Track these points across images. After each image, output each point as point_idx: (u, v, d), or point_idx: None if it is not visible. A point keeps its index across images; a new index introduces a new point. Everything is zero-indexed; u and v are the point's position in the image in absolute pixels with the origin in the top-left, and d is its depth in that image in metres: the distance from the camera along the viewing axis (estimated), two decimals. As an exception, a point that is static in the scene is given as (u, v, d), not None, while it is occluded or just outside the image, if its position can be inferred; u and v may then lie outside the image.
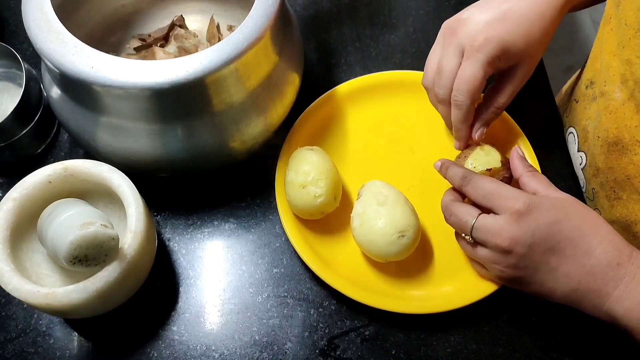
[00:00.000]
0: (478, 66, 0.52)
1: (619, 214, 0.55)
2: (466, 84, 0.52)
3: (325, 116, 0.63)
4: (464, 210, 0.49)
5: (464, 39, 0.52)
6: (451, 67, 0.53)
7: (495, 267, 0.48)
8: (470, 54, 0.52)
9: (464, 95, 0.53)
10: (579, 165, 0.61)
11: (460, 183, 0.51)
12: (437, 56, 0.55)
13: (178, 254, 0.57)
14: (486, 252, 0.48)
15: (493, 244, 0.47)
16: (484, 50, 0.51)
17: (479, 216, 0.48)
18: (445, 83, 0.54)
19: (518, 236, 0.46)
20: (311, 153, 0.55)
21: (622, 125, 0.52)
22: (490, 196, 0.48)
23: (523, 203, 0.46)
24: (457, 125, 0.56)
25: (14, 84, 0.63)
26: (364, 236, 0.52)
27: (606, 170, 0.55)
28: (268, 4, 0.50)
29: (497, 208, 0.47)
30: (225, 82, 0.49)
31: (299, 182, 0.54)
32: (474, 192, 0.49)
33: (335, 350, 0.53)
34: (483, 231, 0.48)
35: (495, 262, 0.48)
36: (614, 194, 0.55)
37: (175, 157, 0.52)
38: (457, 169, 0.52)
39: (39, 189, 0.49)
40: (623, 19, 0.50)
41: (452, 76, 0.54)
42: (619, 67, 0.51)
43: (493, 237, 0.47)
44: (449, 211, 0.50)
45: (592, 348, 0.53)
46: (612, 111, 0.53)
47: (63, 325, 0.54)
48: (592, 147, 0.57)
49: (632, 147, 0.51)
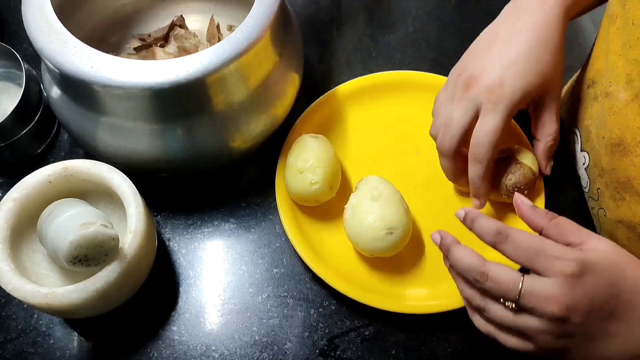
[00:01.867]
0: (499, 118, 0.50)
1: (623, 214, 0.55)
2: (488, 136, 0.50)
3: (326, 116, 0.63)
4: (505, 274, 0.41)
5: (479, 95, 0.51)
6: (462, 120, 0.52)
7: (546, 337, 0.41)
8: (489, 108, 0.51)
9: (486, 148, 0.51)
10: (582, 165, 0.61)
11: (495, 240, 0.43)
12: (446, 108, 0.54)
13: (178, 254, 0.57)
14: (535, 321, 0.41)
15: (545, 313, 0.40)
16: (504, 103, 0.50)
17: (524, 279, 0.41)
18: (452, 135, 0.52)
19: (576, 302, 0.40)
20: (314, 141, 0.56)
21: (625, 126, 0.52)
22: (535, 257, 0.41)
23: (576, 265, 0.40)
24: (476, 182, 0.53)
25: (14, 84, 0.63)
26: (353, 228, 0.53)
27: (610, 171, 0.55)
28: (268, 4, 0.50)
29: (544, 270, 0.41)
30: (225, 82, 0.49)
31: (297, 167, 0.54)
32: (514, 251, 0.42)
33: (335, 350, 0.53)
34: (533, 297, 0.40)
35: (547, 332, 0.41)
36: (618, 194, 0.55)
37: (175, 157, 0.52)
38: (488, 222, 0.44)
39: (39, 189, 0.49)
40: (630, 19, 0.50)
41: (462, 129, 0.52)
42: (624, 67, 0.51)
43: (546, 305, 0.40)
44: (484, 275, 0.42)
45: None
46: (616, 112, 0.53)
47: (63, 325, 0.54)
48: (596, 147, 0.57)
49: (634, 148, 0.51)
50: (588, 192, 0.61)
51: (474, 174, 0.53)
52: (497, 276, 0.42)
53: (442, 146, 0.54)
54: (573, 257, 0.40)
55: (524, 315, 0.41)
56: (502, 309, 0.42)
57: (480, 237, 0.45)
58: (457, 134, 0.52)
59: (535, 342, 0.42)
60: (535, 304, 0.40)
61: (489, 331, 0.45)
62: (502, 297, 0.42)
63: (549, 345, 0.42)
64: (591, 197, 0.60)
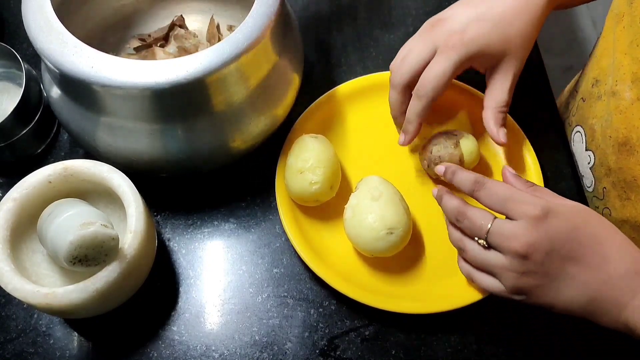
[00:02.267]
0: (449, 64, 0.52)
1: (629, 214, 0.55)
2: (434, 79, 0.52)
3: (326, 116, 0.63)
4: (479, 213, 0.47)
5: (439, 36, 0.53)
6: (418, 58, 0.54)
7: (510, 275, 0.46)
8: (443, 51, 0.52)
9: (428, 89, 0.53)
10: (587, 164, 0.61)
11: (472, 188, 0.49)
12: (408, 46, 0.56)
13: (178, 254, 0.57)
14: (501, 258, 0.46)
15: (509, 249, 0.45)
16: (458, 50, 0.52)
17: (495, 220, 0.46)
18: (405, 70, 0.54)
19: (536, 241, 0.44)
20: (314, 141, 0.56)
21: (631, 125, 0.52)
22: (505, 202, 0.46)
23: (541, 208, 0.44)
24: (410, 117, 0.55)
25: (14, 84, 0.63)
26: (353, 228, 0.53)
27: (617, 170, 0.55)
28: (268, 4, 0.50)
29: (513, 213, 0.45)
30: (225, 82, 0.49)
31: (297, 167, 0.54)
32: (488, 198, 0.47)
33: (335, 350, 0.53)
34: (499, 235, 0.45)
35: (512, 269, 0.45)
36: (624, 194, 0.55)
37: (175, 157, 0.52)
38: (467, 173, 0.50)
39: (39, 189, 0.49)
40: (637, 17, 0.50)
41: (416, 66, 0.54)
42: (630, 65, 0.51)
43: (510, 242, 0.45)
44: (462, 214, 0.48)
45: (593, 348, 0.53)
46: (622, 111, 0.53)
47: (63, 325, 0.54)
48: (602, 147, 0.57)
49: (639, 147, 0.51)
50: (592, 192, 0.61)
51: (412, 108, 0.55)
52: (472, 216, 0.47)
53: (394, 78, 0.56)
54: (539, 203, 0.45)
55: (493, 252, 0.47)
56: (476, 247, 0.48)
57: (459, 187, 0.50)
58: (410, 69, 0.54)
59: (502, 280, 0.47)
60: (500, 241, 0.45)
61: (468, 272, 0.50)
62: (475, 235, 0.47)
63: (513, 283, 0.46)
64: (595, 197, 0.60)
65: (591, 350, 0.53)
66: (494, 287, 0.48)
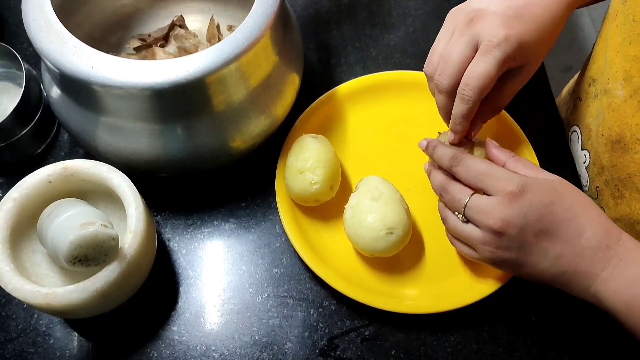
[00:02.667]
0: (494, 63, 0.49)
1: (622, 212, 0.55)
2: (478, 79, 0.49)
3: (326, 116, 0.63)
4: (458, 188, 0.49)
5: (481, 33, 0.50)
6: (461, 57, 0.50)
7: (485, 248, 0.48)
8: (486, 50, 0.49)
9: (473, 90, 0.50)
10: (583, 164, 0.61)
11: (450, 163, 0.50)
12: (444, 43, 0.52)
13: (178, 254, 0.57)
14: (478, 233, 0.48)
15: (485, 225, 0.47)
16: (503, 48, 0.49)
17: (472, 195, 0.48)
18: (451, 72, 0.51)
19: (510, 218, 0.46)
20: (314, 141, 0.56)
21: (624, 123, 0.52)
22: (482, 177, 0.47)
23: (516, 184, 0.46)
24: (458, 119, 0.53)
25: (14, 84, 0.63)
26: (353, 228, 0.53)
27: (610, 168, 0.55)
28: (268, 4, 0.50)
29: (489, 189, 0.47)
30: (225, 82, 0.49)
31: (297, 167, 0.54)
32: (465, 173, 0.49)
33: (335, 350, 0.53)
34: (475, 211, 0.47)
35: (486, 243, 0.47)
36: (617, 192, 0.55)
37: (175, 157, 0.52)
38: (446, 149, 0.51)
39: (39, 189, 0.49)
40: (631, 15, 0.50)
41: (460, 67, 0.51)
42: (623, 63, 0.51)
43: (485, 218, 0.46)
44: (444, 189, 0.50)
45: (593, 348, 0.53)
46: (615, 109, 0.53)
47: (63, 325, 0.54)
48: (596, 145, 0.57)
49: (633, 145, 0.51)
50: (587, 191, 0.61)
51: (457, 110, 0.52)
52: (452, 191, 0.49)
53: (440, 83, 0.52)
54: (515, 180, 0.46)
55: (470, 226, 0.49)
56: (456, 220, 0.50)
57: (439, 162, 0.51)
58: (456, 70, 0.51)
59: (478, 252, 0.49)
60: (477, 216, 0.47)
61: (450, 239, 0.53)
62: (455, 209, 0.49)
63: (488, 255, 0.48)
64: (590, 196, 0.60)
65: (591, 350, 0.53)
66: (471, 255, 0.50)
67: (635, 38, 0.49)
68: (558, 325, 0.54)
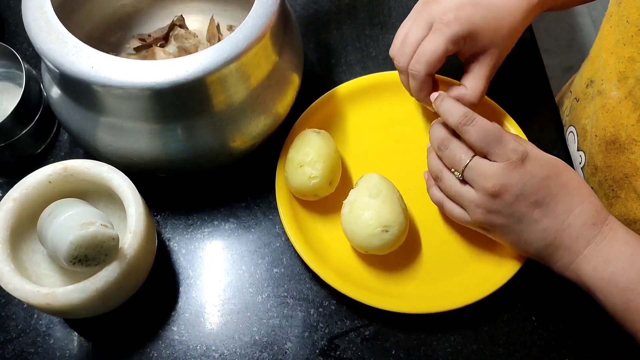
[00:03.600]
0: (442, 40, 0.52)
1: (617, 212, 0.55)
2: (426, 55, 0.52)
3: (326, 116, 0.63)
4: (461, 146, 0.49)
5: (434, 13, 0.53)
6: (416, 37, 0.54)
7: (477, 210, 0.48)
8: (437, 28, 0.52)
9: (421, 65, 0.53)
10: (579, 165, 0.61)
11: (460, 120, 0.49)
12: (406, 28, 0.56)
13: (178, 254, 0.57)
14: (472, 194, 0.49)
15: (482, 187, 0.47)
16: (452, 26, 0.52)
17: (474, 156, 0.48)
18: (406, 52, 0.54)
19: (509, 184, 0.47)
20: (316, 135, 0.56)
21: (619, 123, 0.52)
22: (491, 140, 0.48)
23: (522, 154, 0.47)
24: (414, 94, 0.56)
25: (14, 84, 0.63)
26: (349, 224, 0.53)
27: (605, 169, 0.55)
28: (268, 4, 0.50)
29: (495, 154, 0.48)
30: (225, 82, 0.49)
31: (297, 161, 0.54)
32: (476, 133, 0.48)
33: (335, 350, 0.53)
34: (476, 172, 0.48)
35: (480, 205, 0.48)
36: (612, 192, 0.55)
37: (175, 157, 0.52)
38: (458, 105, 0.51)
39: (39, 189, 0.49)
40: (625, 16, 0.50)
41: (415, 47, 0.54)
42: (617, 64, 0.51)
43: (484, 180, 0.47)
44: (445, 145, 0.50)
45: (592, 348, 0.53)
46: (609, 110, 0.53)
47: (63, 325, 0.54)
48: (590, 146, 0.58)
49: (629, 145, 0.51)
50: None
51: (411, 86, 0.55)
52: (454, 148, 0.50)
53: (399, 63, 0.56)
54: (520, 149, 0.47)
55: (466, 187, 0.49)
56: (452, 178, 0.50)
57: (446, 116, 0.51)
58: (412, 50, 0.54)
59: (469, 213, 0.50)
60: (476, 178, 0.48)
61: (439, 199, 0.53)
62: (453, 166, 0.50)
63: (479, 217, 0.49)
64: None
65: (591, 350, 0.53)
66: (461, 217, 0.51)
67: (629, 39, 0.49)
68: (558, 325, 0.54)
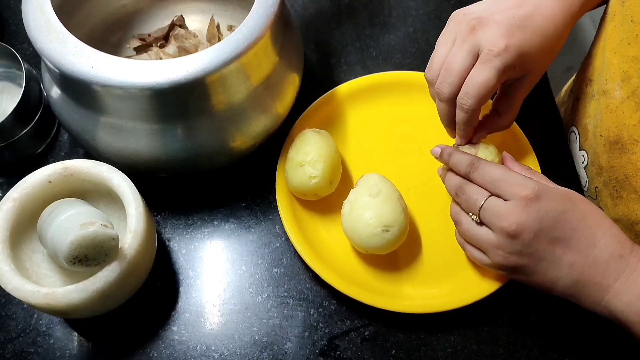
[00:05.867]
0: (493, 73, 0.49)
1: (621, 212, 0.55)
2: (477, 89, 0.49)
3: (326, 116, 0.63)
4: (475, 189, 0.49)
5: (482, 41, 0.49)
6: (462, 66, 0.50)
7: (498, 252, 0.47)
8: (487, 59, 0.49)
9: (473, 99, 0.50)
10: (581, 164, 0.61)
11: (467, 170, 0.50)
12: (446, 50, 0.52)
13: (178, 254, 0.57)
14: (492, 236, 0.47)
15: (499, 228, 0.46)
16: (503, 57, 0.48)
17: (489, 197, 0.48)
18: (452, 82, 0.51)
19: (525, 222, 0.45)
20: (316, 135, 0.56)
21: (622, 123, 0.52)
22: (498, 183, 0.47)
23: (531, 190, 0.46)
24: (461, 126, 0.53)
25: (14, 84, 0.63)
26: (350, 223, 0.53)
27: (608, 169, 0.55)
28: (268, 4, 0.50)
29: (505, 194, 0.47)
30: (225, 82, 0.49)
31: (298, 161, 0.54)
32: (482, 178, 0.49)
33: (335, 350, 0.53)
34: (491, 213, 0.47)
35: (500, 247, 0.47)
36: (616, 192, 0.55)
37: (175, 157, 0.52)
38: (462, 156, 0.51)
39: (39, 189, 0.49)
40: (629, 16, 0.50)
41: (461, 75, 0.51)
42: (621, 64, 0.51)
43: (500, 220, 0.46)
44: (461, 189, 0.50)
45: (592, 348, 0.53)
46: (613, 110, 0.53)
47: (63, 325, 0.54)
48: (594, 146, 0.57)
49: (631, 146, 0.51)
50: (587, 191, 0.61)
51: (459, 119, 0.52)
52: (469, 191, 0.49)
53: (442, 92, 0.52)
54: (531, 185, 0.46)
55: (484, 229, 0.48)
56: (469, 221, 0.50)
57: (455, 168, 0.52)
58: (457, 79, 0.51)
59: (490, 256, 0.49)
60: (491, 218, 0.47)
61: (461, 243, 0.52)
62: (470, 210, 0.49)
63: (500, 260, 0.48)
64: (590, 196, 0.60)
65: (591, 350, 0.53)
66: (482, 261, 0.50)
67: (634, 39, 0.49)
68: (558, 325, 0.54)
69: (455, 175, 0.52)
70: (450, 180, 0.52)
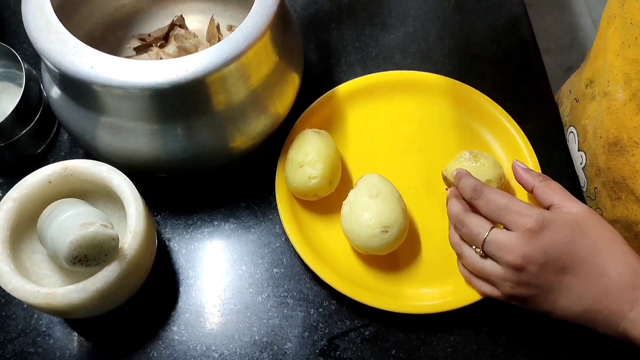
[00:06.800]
0: None
1: (620, 213, 0.55)
2: None
3: (326, 116, 0.63)
4: (476, 222, 0.48)
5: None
6: None
7: (506, 284, 0.47)
8: None
9: None
10: (580, 165, 0.61)
11: (471, 196, 0.49)
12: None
13: (178, 254, 0.57)
14: (497, 268, 0.47)
15: (504, 261, 0.46)
16: None
17: (491, 230, 0.47)
18: None
19: (530, 254, 0.45)
20: (316, 135, 0.56)
21: (622, 125, 0.52)
22: (502, 212, 0.47)
23: (536, 221, 0.45)
24: None
25: (14, 84, 0.63)
26: (349, 224, 0.53)
27: (606, 170, 0.55)
28: (268, 4, 0.50)
29: (509, 224, 0.46)
30: (225, 82, 0.49)
31: (297, 161, 0.54)
32: (485, 206, 0.48)
33: (335, 350, 0.53)
34: (495, 246, 0.46)
35: (506, 279, 0.47)
36: (614, 193, 0.55)
37: (175, 157, 0.52)
38: (469, 180, 0.51)
39: (39, 189, 0.49)
40: (628, 18, 0.50)
41: None
42: (623, 66, 0.51)
43: (505, 253, 0.45)
44: (461, 222, 0.49)
45: (592, 348, 0.53)
46: (614, 111, 0.53)
47: (63, 325, 0.54)
48: (593, 147, 0.57)
49: (630, 148, 0.51)
50: (585, 192, 0.61)
51: None
52: (470, 224, 0.48)
53: None
54: (534, 214, 0.45)
55: (489, 261, 0.47)
56: (473, 254, 0.49)
57: (461, 192, 0.51)
58: None
59: (498, 288, 0.48)
60: (496, 252, 0.46)
61: (466, 276, 0.52)
62: (472, 243, 0.48)
63: (509, 292, 0.47)
64: (588, 197, 0.60)
65: (591, 350, 0.53)
66: (492, 294, 0.50)
67: (634, 41, 0.49)
68: (558, 325, 0.54)
69: (457, 202, 0.51)
70: (451, 207, 0.51)
